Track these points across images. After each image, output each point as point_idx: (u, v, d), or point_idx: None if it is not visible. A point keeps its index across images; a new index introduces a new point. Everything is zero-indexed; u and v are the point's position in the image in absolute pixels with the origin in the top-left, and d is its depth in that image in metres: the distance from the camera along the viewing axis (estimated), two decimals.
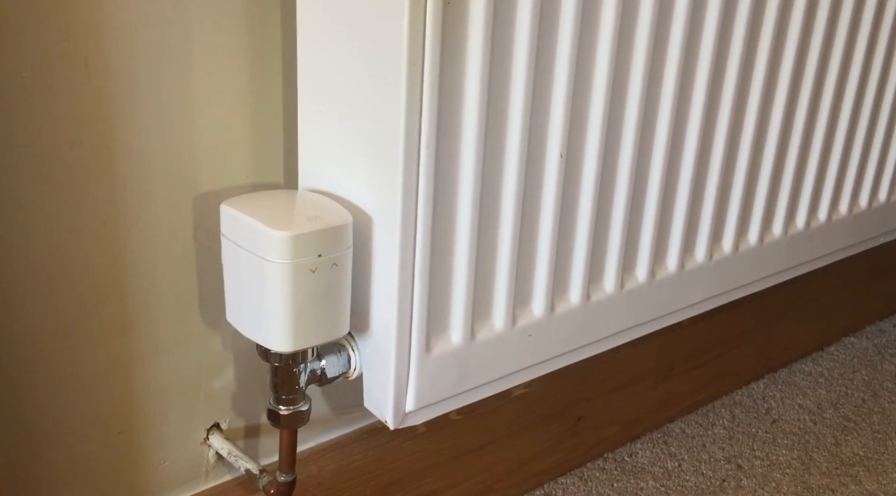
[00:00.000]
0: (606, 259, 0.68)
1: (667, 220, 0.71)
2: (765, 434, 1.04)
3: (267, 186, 0.64)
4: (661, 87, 0.66)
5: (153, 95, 0.57)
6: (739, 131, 0.74)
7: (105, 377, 0.61)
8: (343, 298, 0.56)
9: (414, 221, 0.55)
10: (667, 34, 0.64)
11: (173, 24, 0.56)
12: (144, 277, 0.60)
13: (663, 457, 0.98)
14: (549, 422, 0.91)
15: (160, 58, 0.56)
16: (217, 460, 0.69)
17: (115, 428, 0.62)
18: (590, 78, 0.60)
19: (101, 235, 0.58)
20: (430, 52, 0.51)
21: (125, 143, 0.57)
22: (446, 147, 0.55)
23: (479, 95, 0.54)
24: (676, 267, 0.73)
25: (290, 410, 0.60)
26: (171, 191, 0.60)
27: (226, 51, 0.59)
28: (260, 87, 0.61)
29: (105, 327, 0.60)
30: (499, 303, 0.61)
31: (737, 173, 0.75)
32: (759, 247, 0.80)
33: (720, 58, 0.69)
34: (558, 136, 0.60)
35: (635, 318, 0.72)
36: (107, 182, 0.57)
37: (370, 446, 0.77)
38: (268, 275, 0.53)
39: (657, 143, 0.67)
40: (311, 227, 0.53)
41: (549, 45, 0.57)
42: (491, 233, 0.59)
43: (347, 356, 0.61)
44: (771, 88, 0.75)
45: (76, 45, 0.53)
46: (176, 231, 0.61)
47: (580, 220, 0.64)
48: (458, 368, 0.61)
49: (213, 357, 0.66)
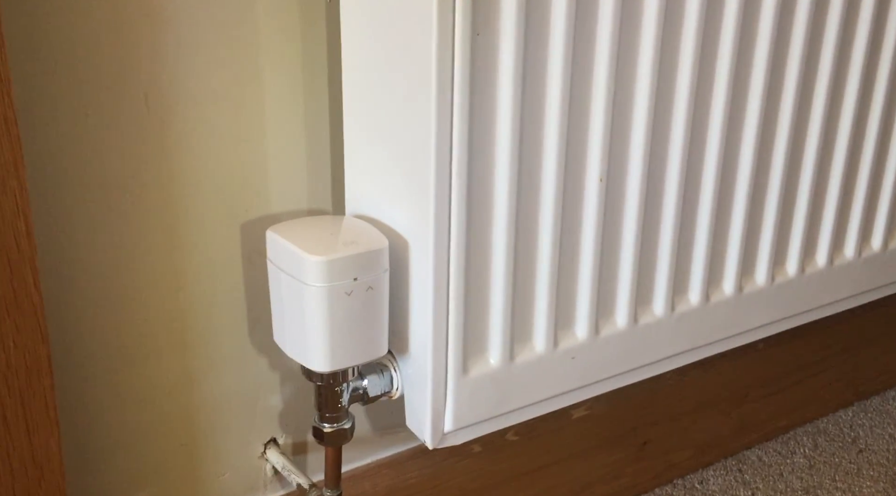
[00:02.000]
0: (655, 281, 0.67)
1: (721, 241, 0.70)
2: (849, 464, 0.99)
3: (317, 212, 0.66)
4: (710, 107, 0.64)
5: (209, 127, 0.60)
6: (803, 144, 0.71)
7: (167, 392, 0.64)
8: (380, 320, 0.57)
9: (447, 245, 0.56)
10: (714, 51, 0.63)
11: (228, 60, 0.59)
12: (203, 298, 0.64)
13: (736, 485, 0.95)
14: (613, 446, 0.89)
15: (216, 92, 0.60)
16: (273, 474, 0.72)
17: (176, 440, 0.66)
18: (630, 100, 0.60)
19: (162, 259, 0.61)
20: (460, 79, 0.52)
21: (183, 173, 0.60)
22: (479, 171, 0.56)
23: (510, 120, 0.55)
24: (733, 290, 0.71)
25: (334, 428, 0.62)
26: (227, 217, 0.63)
27: (277, 84, 0.62)
28: (310, 116, 0.64)
29: (166, 345, 0.63)
30: (539, 325, 0.62)
31: (800, 190, 0.73)
32: (828, 269, 0.77)
33: (776, 69, 0.67)
34: (597, 159, 0.60)
35: (689, 343, 0.70)
36: (166, 209, 0.60)
37: (424, 465, 0.78)
38: (306, 298, 0.55)
39: (707, 160, 0.66)
40: (347, 252, 0.55)
41: (584, 70, 0.57)
42: (529, 256, 0.60)
43: (390, 376, 0.62)
44: (836, 102, 0.72)
45: (136, 82, 0.57)
46: (232, 255, 0.64)
47: (624, 242, 0.64)
48: (497, 390, 0.61)
49: (268, 374, 0.69)
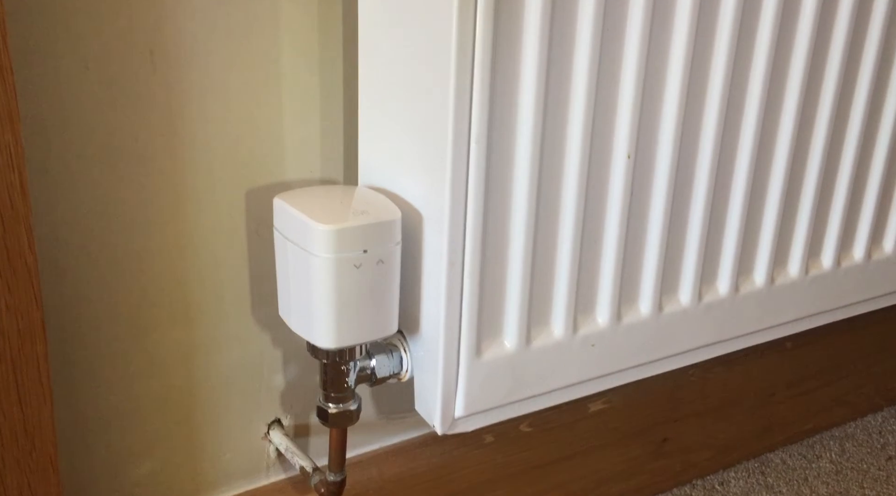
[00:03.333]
0: (682, 267, 0.63)
1: (754, 228, 0.66)
2: (878, 471, 0.95)
3: (329, 182, 0.63)
4: (748, 86, 0.61)
5: (218, 88, 0.57)
6: (844, 130, 0.68)
7: (167, 366, 0.62)
8: (390, 296, 0.54)
9: (463, 219, 0.53)
10: (755, 22, 0.59)
11: (236, 18, 0.56)
12: (206, 269, 0.61)
13: (759, 488, 0.91)
14: (631, 442, 0.86)
15: (225, 50, 0.57)
16: (277, 456, 0.69)
17: (175, 417, 0.64)
18: (662, 71, 0.57)
19: (165, 226, 0.59)
20: (482, 42, 0.49)
21: (190, 136, 0.58)
22: (499, 142, 0.52)
23: (535, 89, 0.52)
24: (765, 280, 0.67)
25: (339, 409, 0.59)
26: (235, 185, 0.60)
27: (290, 45, 0.59)
28: (323, 81, 0.61)
29: (167, 317, 0.61)
30: (558, 309, 0.58)
31: (839, 179, 0.69)
32: (865, 263, 0.73)
33: (818, 56, 0.63)
34: (626, 135, 0.56)
35: (715, 335, 0.67)
36: (171, 174, 0.58)
37: (434, 453, 0.75)
38: (312, 269, 0.52)
39: (742, 142, 0.62)
40: (357, 222, 0.52)
41: (615, 35, 0.54)
42: (550, 235, 0.57)
43: (400, 357, 0.59)
44: (880, 94, 0.68)
45: (142, 37, 0.54)
46: (238, 225, 0.61)
47: (651, 225, 0.60)
48: (511, 375, 0.58)
49: (274, 352, 0.66)
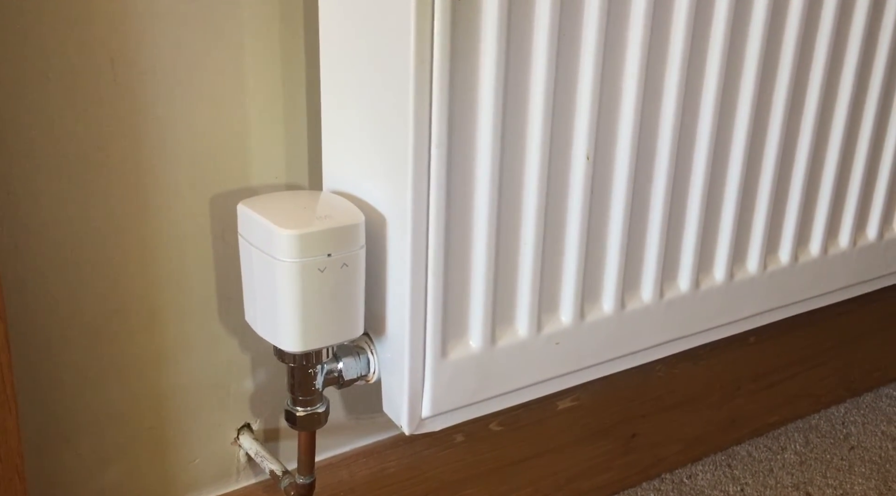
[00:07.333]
0: (643, 265, 0.65)
1: (712, 226, 0.67)
2: (840, 461, 0.97)
3: (294, 188, 0.64)
4: (703, 88, 0.62)
5: (180, 96, 0.58)
6: (797, 129, 0.69)
7: (133, 373, 0.62)
8: (355, 299, 0.55)
9: (426, 221, 0.53)
10: (707, 31, 0.61)
11: (199, 25, 0.57)
12: (172, 276, 0.61)
13: (725, 480, 0.93)
14: (600, 438, 0.87)
15: (186, 59, 0.57)
16: (247, 461, 0.69)
17: (143, 423, 0.64)
18: (619, 74, 0.58)
19: (129, 234, 0.59)
20: (440, 47, 0.50)
21: (152, 144, 0.58)
22: (460, 145, 0.53)
23: (493, 93, 0.53)
24: (724, 277, 0.69)
25: (307, 412, 0.59)
26: (199, 191, 0.60)
27: (253, 51, 0.59)
28: (287, 87, 0.61)
29: (133, 324, 0.61)
30: (522, 308, 0.59)
31: (794, 175, 0.71)
32: (821, 258, 0.75)
33: (771, 54, 0.65)
34: (584, 137, 0.57)
35: (678, 331, 0.68)
36: (134, 182, 0.58)
37: (405, 454, 0.75)
38: (277, 274, 0.53)
39: (699, 142, 0.64)
40: (320, 227, 0.52)
41: (572, 39, 0.55)
42: (512, 236, 0.58)
43: (367, 359, 0.60)
44: (831, 88, 0.70)
45: (102, 46, 0.54)
46: (203, 231, 0.61)
47: (612, 224, 0.61)
48: (477, 375, 0.59)
49: (242, 357, 0.66)
